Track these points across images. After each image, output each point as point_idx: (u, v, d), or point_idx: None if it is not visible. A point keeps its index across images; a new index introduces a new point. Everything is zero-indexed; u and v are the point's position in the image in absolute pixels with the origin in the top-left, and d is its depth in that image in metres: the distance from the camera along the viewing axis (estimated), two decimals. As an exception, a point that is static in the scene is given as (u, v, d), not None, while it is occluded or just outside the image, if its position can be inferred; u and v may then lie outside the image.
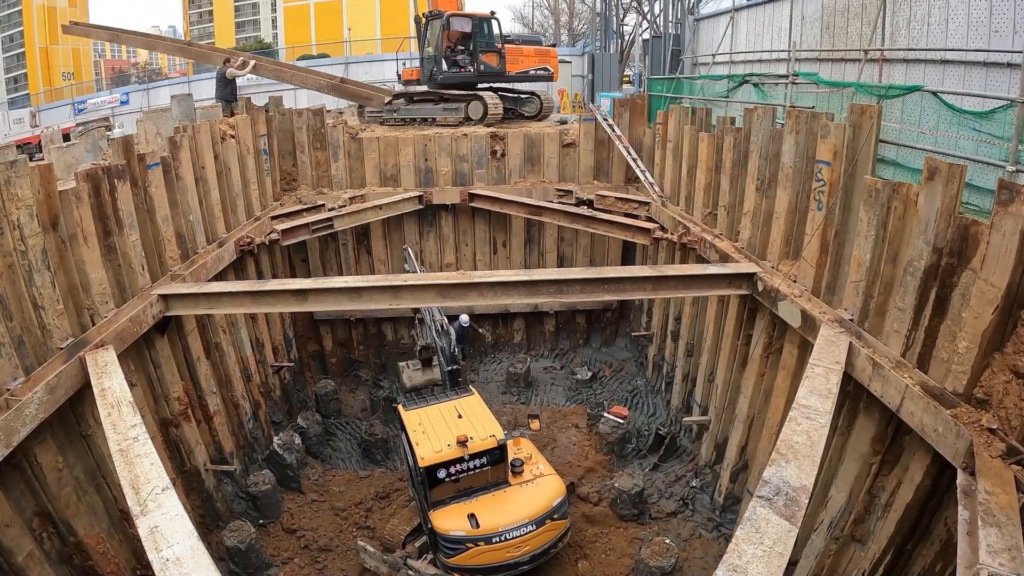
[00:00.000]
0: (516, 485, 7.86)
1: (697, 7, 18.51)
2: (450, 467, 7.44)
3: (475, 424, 7.83)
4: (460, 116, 14.67)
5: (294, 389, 12.35)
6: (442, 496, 7.63)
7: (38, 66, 56.11)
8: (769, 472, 4.61)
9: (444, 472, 7.44)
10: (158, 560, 4.11)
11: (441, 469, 7.42)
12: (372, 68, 31.50)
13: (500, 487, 7.81)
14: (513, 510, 7.58)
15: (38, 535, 6.00)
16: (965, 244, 5.18)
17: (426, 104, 15.35)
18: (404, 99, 15.68)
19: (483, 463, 7.60)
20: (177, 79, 37.57)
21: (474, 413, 8.09)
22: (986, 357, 4.87)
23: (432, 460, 7.38)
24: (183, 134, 9.22)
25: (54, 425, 6.23)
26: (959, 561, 4.00)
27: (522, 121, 15.48)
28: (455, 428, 7.77)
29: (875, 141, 6.67)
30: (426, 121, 15.11)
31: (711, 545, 8.59)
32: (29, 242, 6.11)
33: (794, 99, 9.64)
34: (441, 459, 7.39)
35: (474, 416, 8.02)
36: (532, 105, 16.13)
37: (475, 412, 8.10)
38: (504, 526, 7.38)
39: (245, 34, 64.89)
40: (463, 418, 7.94)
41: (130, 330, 7.32)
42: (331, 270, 13.32)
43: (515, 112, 15.95)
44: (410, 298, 8.38)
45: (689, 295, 10.30)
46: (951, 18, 8.56)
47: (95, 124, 19.78)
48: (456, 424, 7.88)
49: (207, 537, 8.13)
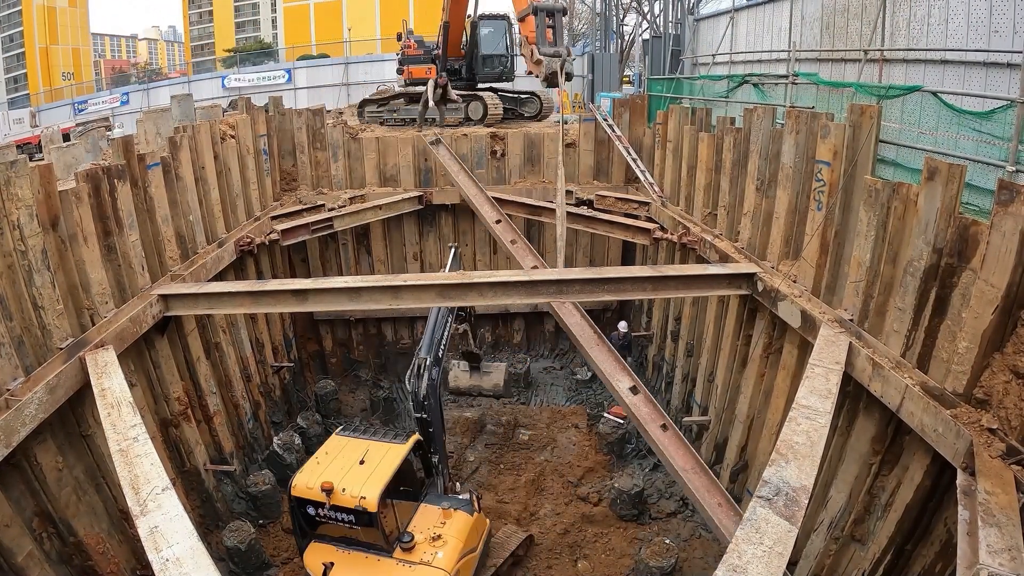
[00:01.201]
0: (394, 560, 6.70)
1: (697, 7, 18.51)
2: (315, 507, 6.62)
3: (363, 476, 6.66)
4: (460, 116, 14.66)
5: (294, 389, 12.35)
6: (327, 532, 6.92)
7: (38, 66, 56.14)
8: (769, 472, 4.61)
9: (312, 509, 6.67)
10: (158, 560, 4.12)
11: (308, 506, 6.65)
12: (372, 68, 31.48)
13: (380, 552, 6.77)
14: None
15: (38, 535, 6.00)
16: (965, 244, 5.18)
17: None
18: (404, 99, 15.64)
19: (347, 520, 6.59)
20: (177, 79, 37.60)
21: (378, 465, 6.90)
22: (986, 357, 4.87)
23: (300, 492, 6.64)
24: (183, 134, 9.23)
25: (54, 425, 6.23)
26: (959, 561, 4.00)
27: (522, 121, 15.48)
28: (342, 471, 6.77)
29: (875, 141, 6.67)
30: (426, 121, 15.11)
31: (711, 545, 8.59)
32: (29, 242, 6.11)
33: (794, 99, 9.64)
34: (307, 495, 6.60)
35: (372, 469, 6.82)
36: (532, 105, 16.12)
37: (380, 465, 6.90)
38: None
39: (245, 34, 64.92)
40: (362, 465, 6.85)
41: (130, 330, 7.32)
42: (331, 270, 13.32)
43: (515, 112, 15.94)
44: (410, 298, 8.37)
45: (689, 295, 10.30)
46: (951, 18, 8.55)
47: (95, 124, 19.80)
48: (348, 468, 6.84)
49: (207, 537, 8.13)
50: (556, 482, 10.28)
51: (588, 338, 8.39)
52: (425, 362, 7.85)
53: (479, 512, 7.60)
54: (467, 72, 15.57)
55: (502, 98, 14.99)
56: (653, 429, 7.22)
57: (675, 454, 7.07)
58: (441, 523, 7.19)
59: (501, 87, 16.00)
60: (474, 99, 14.68)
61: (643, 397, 7.55)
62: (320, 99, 25.49)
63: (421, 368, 7.82)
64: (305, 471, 6.88)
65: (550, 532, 9.15)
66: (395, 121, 15.60)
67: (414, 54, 16.19)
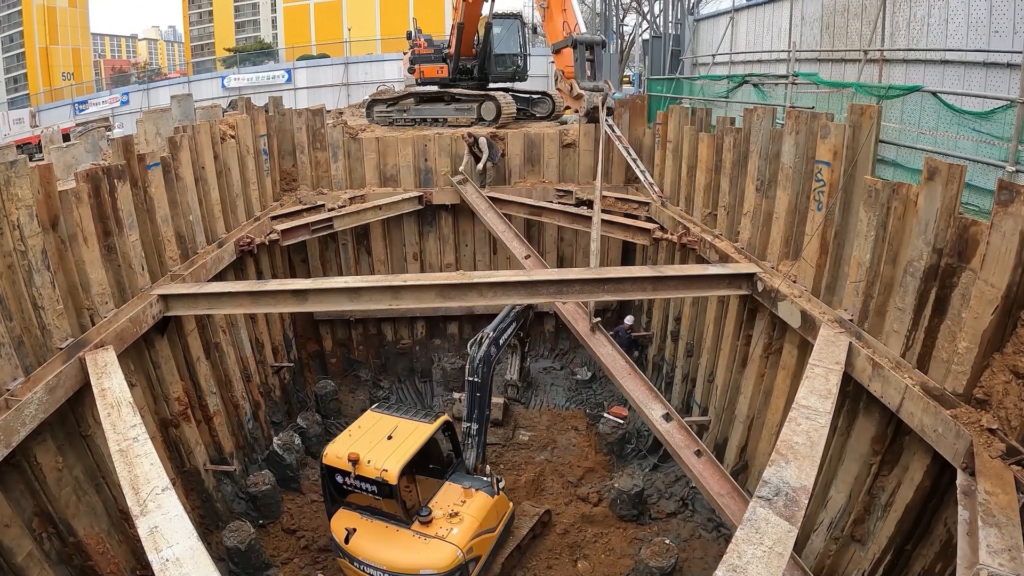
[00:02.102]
0: (411, 531, 7.14)
1: (697, 7, 18.51)
2: (342, 476, 7.14)
3: (389, 450, 7.10)
4: (472, 117, 14.57)
5: (294, 389, 12.35)
6: (353, 501, 7.45)
7: (38, 66, 56.17)
8: (769, 472, 4.61)
9: (340, 477, 7.17)
10: (158, 560, 4.11)
11: (337, 474, 7.18)
12: (372, 68, 31.50)
13: (399, 522, 7.22)
14: (383, 549, 7.06)
15: (38, 535, 5.99)
16: (965, 244, 5.18)
17: (437, 104, 15.25)
18: (413, 99, 15.55)
19: (371, 489, 7.05)
20: (177, 79, 37.61)
21: (404, 441, 7.32)
22: (986, 357, 4.87)
23: (330, 460, 7.17)
24: (183, 134, 9.22)
25: (54, 425, 6.23)
26: (959, 561, 4.00)
27: (522, 121, 15.46)
28: (370, 444, 7.26)
29: (875, 141, 6.67)
30: (437, 122, 15.02)
31: (711, 545, 8.59)
32: (29, 242, 6.11)
33: (794, 99, 9.64)
34: (335, 464, 7.11)
35: (399, 443, 7.26)
36: (544, 105, 16.01)
37: (406, 441, 7.32)
38: (363, 557, 7.03)
39: (245, 34, 64.95)
40: (390, 440, 7.31)
41: (130, 330, 7.32)
42: (331, 270, 13.31)
43: (526, 112, 15.83)
44: (410, 298, 8.38)
45: (689, 295, 10.30)
46: (951, 18, 8.56)
47: (95, 124, 19.80)
48: (377, 442, 7.31)
49: (207, 537, 8.13)
50: (556, 482, 10.28)
51: (620, 368, 8.59)
52: (488, 335, 8.51)
53: (500, 494, 7.96)
54: (479, 72, 15.49)
55: (514, 98, 14.91)
56: (687, 455, 7.31)
57: (711, 480, 7.11)
58: (461, 502, 7.56)
59: (513, 87, 15.93)
60: (487, 99, 14.61)
61: (676, 424, 7.66)
62: (320, 99, 25.51)
63: (483, 339, 8.49)
64: (337, 442, 7.43)
65: (550, 532, 9.15)
66: (404, 121, 15.48)
67: (424, 53, 16.13)
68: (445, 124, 14.79)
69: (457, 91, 15.09)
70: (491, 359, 8.59)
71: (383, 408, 8.34)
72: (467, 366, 8.63)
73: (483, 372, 8.45)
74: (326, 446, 7.46)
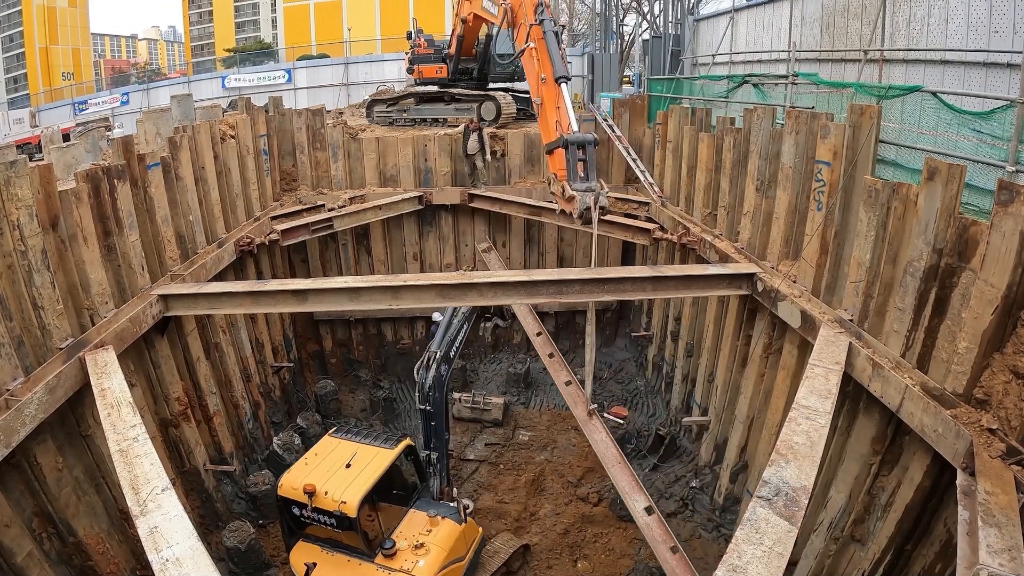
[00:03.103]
0: (374, 565, 6.59)
1: (697, 7, 18.50)
2: (299, 508, 6.63)
3: (347, 480, 6.63)
4: (472, 117, 14.57)
5: (294, 389, 12.35)
6: (313, 533, 6.94)
7: (38, 66, 56.16)
8: (769, 472, 4.61)
9: (297, 509, 6.67)
10: (158, 560, 4.11)
11: (294, 506, 6.66)
12: (372, 68, 31.45)
13: (362, 555, 6.70)
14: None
15: (38, 535, 6.00)
16: (965, 244, 5.18)
17: (437, 104, 15.24)
18: (413, 99, 15.53)
19: (329, 522, 6.56)
20: (177, 79, 37.57)
21: (364, 470, 6.82)
22: (986, 357, 4.87)
23: (285, 492, 6.66)
24: (183, 134, 9.22)
25: (54, 425, 6.23)
26: (959, 561, 4.00)
27: (522, 121, 15.44)
28: (327, 474, 6.75)
29: (875, 141, 6.67)
30: (437, 122, 15.00)
31: (711, 545, 8.59)
32: (29, 242, 6.11)
33: (794, 99, 9.64)
34: (291, 496, 6.61)
35: (358, 471, 6.78)
36: None
37: (366, 470, 6.82)
38: None
39: (245, 34, 64.92)
40: (348, 468, 6.81)
41: (130, 330, 7.32)
42: (331, 270, 13.32)
43: (526, 112, 15.81)
44: (410, 298, 8.38)
45: (689, 295, 10.30)
46: (951, 18, 8.55)
47: (95, 124, 19.79)
48: (334, 471, 6.82)
49: (207, 537, 8.13)
50: (556, 482, 10.28)
51: (610, 457, 8.75)
52: (435, 356, 7.89)
53: (468, 521, 7.44)
54: (479, 72, 15.48)
55: (514, 98, 14.91)
56: (662, 551, 7.45)
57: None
58: (427, 531, 7.07)
59: (513, 87, 15.91)
60: (487, 99, 14.59)
61: (656, 519, 7.80)
62: (320, 99, 25.48)
63: (430, 361, 7.88)
64: (293, 471, 6.91)
65: (550, 532, 9.15)
66: (405, 121, 15.46)
67: (424, 53, 16.09)
68: (445, 124, 14.77)
69: (457, 91, 15.08)
70: (443, 381, 7.93)
71: (341, 433, 7.63)
72: (416, 393, 7.96)
73: (436, 398, 7.83)
74: (281, 476, 6.90)
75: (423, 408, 7.94)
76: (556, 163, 7.75)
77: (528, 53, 8.25)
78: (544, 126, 8.12)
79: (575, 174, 7.51)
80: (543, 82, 8.04)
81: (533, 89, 8.32)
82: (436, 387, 7.84)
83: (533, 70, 8.20)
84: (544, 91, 8.06)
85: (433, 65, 15.75)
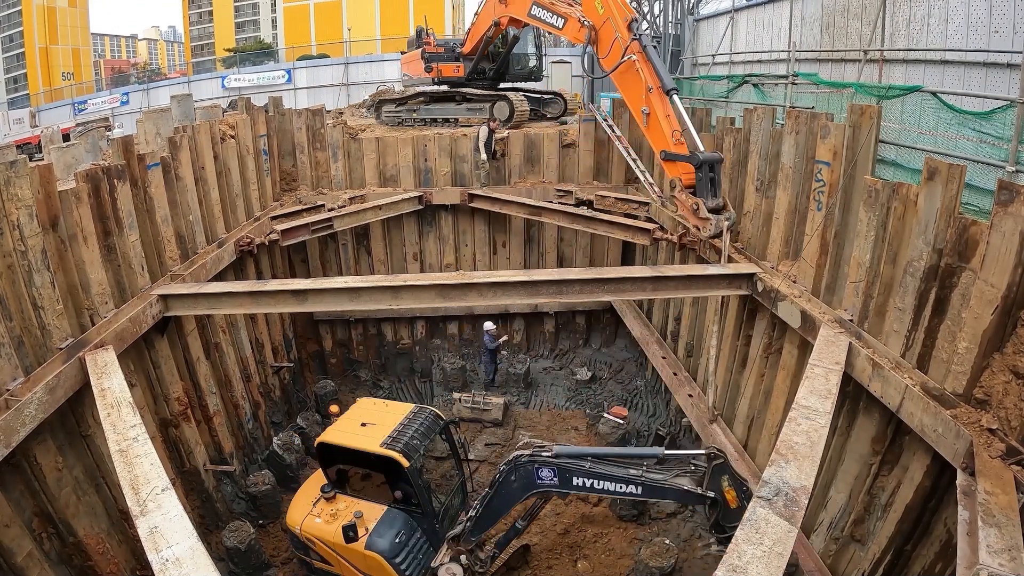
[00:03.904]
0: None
1: (697, 7, 18.52)
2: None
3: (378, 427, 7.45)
4: (485, 117, 14.52)
5: (294, 389, 12.35)
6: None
7: (38, 66, 56.19)
8: (769, 472, 4.61)
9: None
10: (158, 560, 4.11)
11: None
12: (372, 68, 31.46)
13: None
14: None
15: (38, 535, 6.00)
16: (965, 244, 5.18)
17: (448, 104, 15.19)
18: (424, 98, 15.45)
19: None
20: (177, 79, 37.58)
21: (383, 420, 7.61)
22: (986, 357, 4.87)
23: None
24: (183, 134, 9.22)
25: (54, 425, 6.23)
26: (959, 561, 4.00)
27: (531, 121, 15.39)
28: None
29: (875, 141, 6.67)
30: (448, 122, 14.94)
31: (711, 545, 8.58)
32: (29, 242, 6.11)
33: (794, 99, 9.64)
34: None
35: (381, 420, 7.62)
36: (556, 106, 15.90)
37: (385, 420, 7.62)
38: None
39: (245, 34, 64.94)
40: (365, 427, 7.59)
41: (130, 330, 7.31)
42: (331, 270, 13.32)
43: (538, 113, 15.73)
44: (410, 298, 8.37)
45: (689, 295, 10.30)
46: (951, 18, 8.56)
47: (95, 124, 19.80)
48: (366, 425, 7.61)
49: (207, 537, 8.13)
50: (556, 482, 10.26)
51: None
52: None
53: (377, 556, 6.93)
54: (495, 72, 15.42)
55: (526, 98, 14.86)
56: None
57: None
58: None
59: (525, 87, 15.86)
60: (500, 99, 14.54)
61: None
62: (320, 99, 25.51)
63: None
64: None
65: (550, 532, 9.14)
66: (414, 121, 15.41)
67: (436, 52, 16.03)
68: (456, 124, 14.68)
69: (469, 91, 15.01)
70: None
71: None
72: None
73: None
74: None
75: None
76: (676, 169, 8.25)
77: (627, 66, 8.79)
78: (657, 134, 8.67)
79: (707, 192, 7.94)
80: (650, 92, 8.59)
81: (637, 100, 8.87)
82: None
83: (635, 82, 8.76)
84: (653, 101, 8.58)
85: (451, 64, 15.64)
